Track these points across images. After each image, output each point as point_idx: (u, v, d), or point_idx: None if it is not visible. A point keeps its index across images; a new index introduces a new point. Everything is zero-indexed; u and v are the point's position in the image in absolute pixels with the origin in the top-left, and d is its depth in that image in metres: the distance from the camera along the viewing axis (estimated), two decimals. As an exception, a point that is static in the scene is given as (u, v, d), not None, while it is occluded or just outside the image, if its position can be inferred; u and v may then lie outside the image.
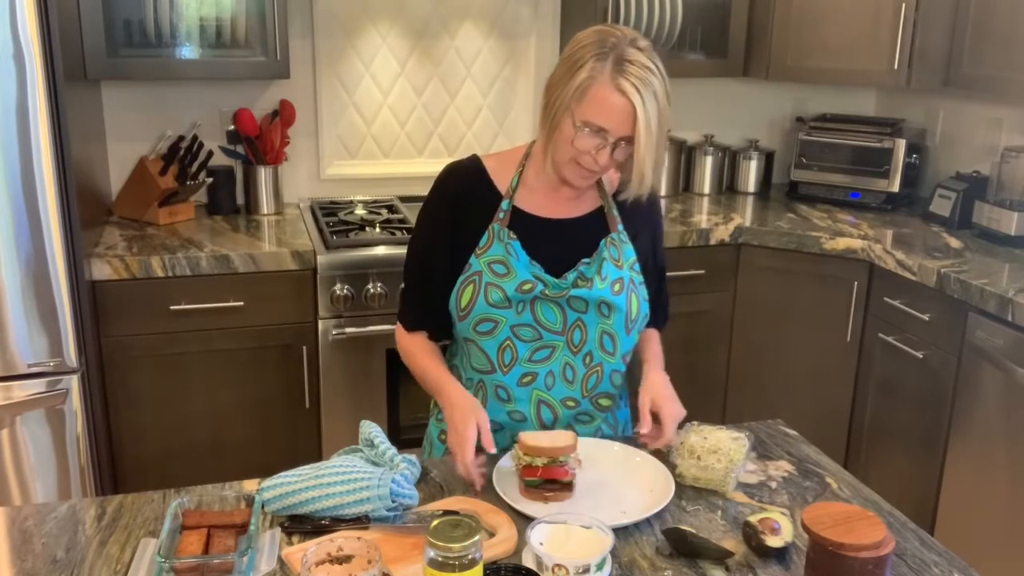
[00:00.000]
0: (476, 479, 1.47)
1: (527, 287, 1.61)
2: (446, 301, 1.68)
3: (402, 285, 1.78)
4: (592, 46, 1.50)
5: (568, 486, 1.47)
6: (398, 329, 1.77)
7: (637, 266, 1.69)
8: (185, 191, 2.92)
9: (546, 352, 1.65)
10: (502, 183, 1.68)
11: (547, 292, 1.62)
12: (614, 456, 1.59)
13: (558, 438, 1.48)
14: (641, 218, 1.72)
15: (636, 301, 1.67)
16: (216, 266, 2.59)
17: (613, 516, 1.39)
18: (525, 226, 1.65)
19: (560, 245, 1.65)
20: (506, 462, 1.53)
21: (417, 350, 1.73)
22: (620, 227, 1.69)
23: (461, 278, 1.65)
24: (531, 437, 1.48)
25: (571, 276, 1.63)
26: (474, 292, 1.63)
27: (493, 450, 1.51)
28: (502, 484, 1.47)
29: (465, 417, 1.53)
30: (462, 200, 1.67)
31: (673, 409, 1.59)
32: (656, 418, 1.58)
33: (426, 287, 1.71)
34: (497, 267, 1.62)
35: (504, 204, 1.66)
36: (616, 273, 1.64)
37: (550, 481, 1.46)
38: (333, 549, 1.12)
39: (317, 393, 2.76)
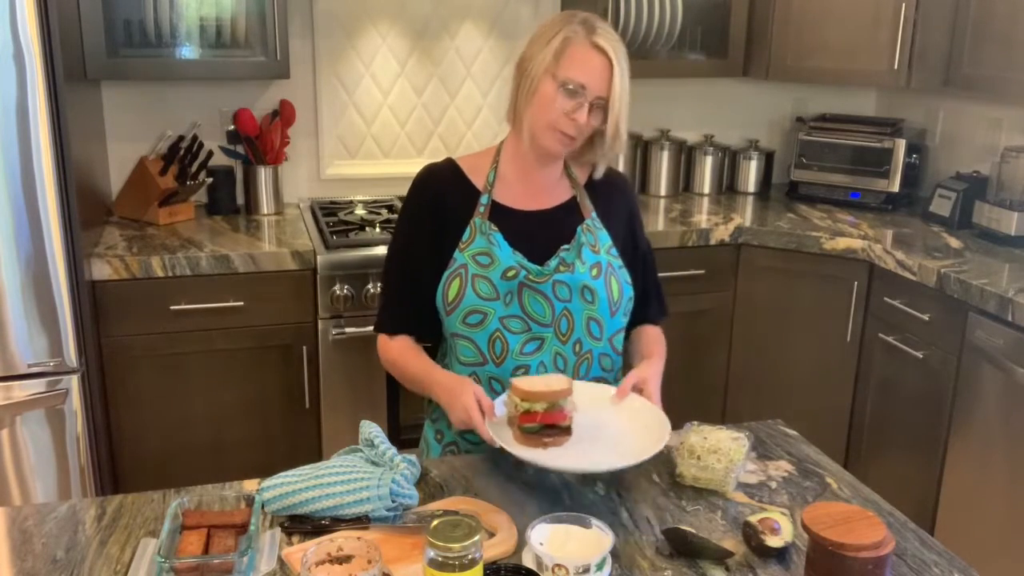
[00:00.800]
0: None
1: (511, 273, 1.63)
2: (429, 301, 1.69)
3: (380, 292, 1.78)
4: (561, 20, 1.64)
5: (567, 430, 1.45)
6: (380, 341, 1.77)
7: (614, 250, 1.73)
8: (185, 191, 2.92)
9: (536, 344, 1.66)
10: (479, 180, 1.72)
11: (531, 278, 1.64)
12: (609, 399, 1.58)
13: (553, 381, 1.46)
14: (613, 203, 1.77)
15: (616, 284, 1.70)
16: (216, 266, 2.59)
17: (611, 458, 1.40)
18: (504, 219, 1.68)
19: (539, 235, 1.69)
20: (499, 409, 1.51)
21: (401, 355, 1.73)
22: (593, 214, 1.73)
23: (446, 273, 1.67)
24: (524, 382, 1.46)
25: (553, 262, 1.66)
26: (461, 285, 1.64)
27: (495, 417, 1.49)
28: (497, 434, 1.46)
29: (462, 391, 1.53)
30: (441, 199, 1.70)
31: (654, 392, 1.59)
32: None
33: (408, 288, 1.72)
34: (481, 258, 1.64)
35: (483, 198, 1.69)
36: (593, 258, 1.68)
37: (548, 427, 1.44)
38: (333, 549, 1.12)
39: (317, 393, 2.76)
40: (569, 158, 1.74)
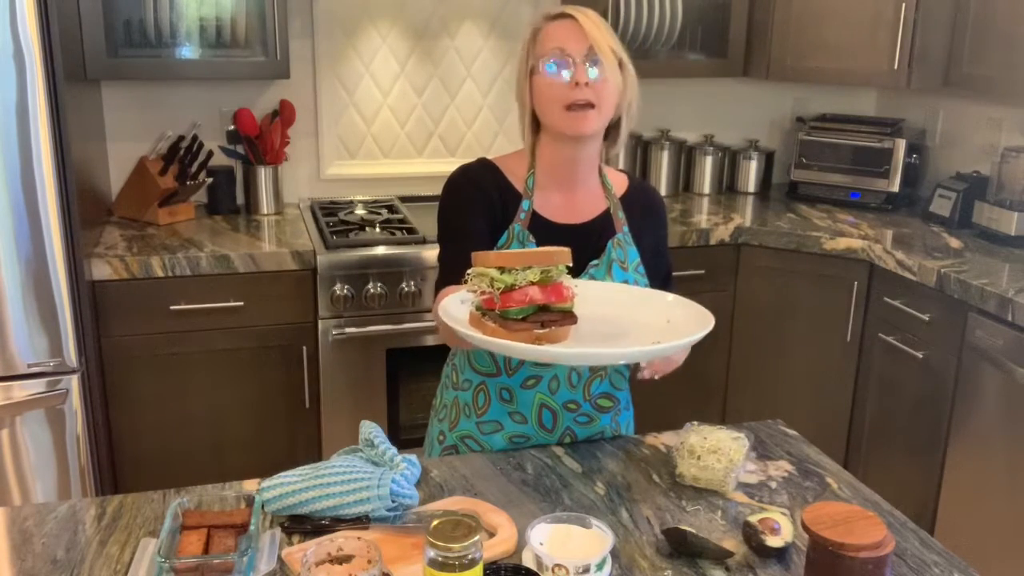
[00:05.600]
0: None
1: None
2: None
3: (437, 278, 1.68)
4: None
5: (570, 315, 1.07)
6: (434, 308, 1.60)
7: (641, 268, 1.69)
8: (185, 191, 2.92)
9: None
10: (518, 183, 1.67)
11: None
12: (623, 292, 1.28)
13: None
14: (645, 220, 1.73)
15: None
16: (216, 266, 2.59)
17: (643, 345, 1.08)
18: (542, 232, 1.64)
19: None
20: (457, 308, 1.18)
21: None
22: (625, 228, 1.69)
23: None
24: (496, 252, 1.11)
25: (583, 279, 1.62)
26: None
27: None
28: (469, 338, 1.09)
29: None
30: (483, 196, 1.65)
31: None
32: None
33: (466, 262, 1.64)
34: None
35: (524, 204, 1.65)
36: (621, 276, 1.64)
37: (543, 309, 1.06)
38: (333, 549, 1.12)
39: (317, 393, 2.76)
40: (604, 148, 1.69)
